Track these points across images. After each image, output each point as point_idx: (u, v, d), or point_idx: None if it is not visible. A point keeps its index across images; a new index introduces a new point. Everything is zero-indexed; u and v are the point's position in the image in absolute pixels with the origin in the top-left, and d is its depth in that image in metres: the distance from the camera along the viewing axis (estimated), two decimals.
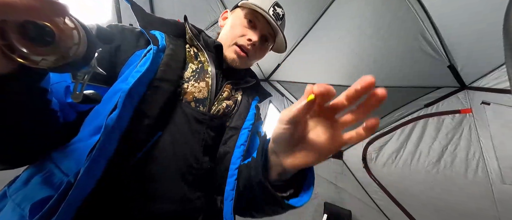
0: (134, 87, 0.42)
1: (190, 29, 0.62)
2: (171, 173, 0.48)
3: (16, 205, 0.37)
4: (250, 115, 0.63)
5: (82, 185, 0.34)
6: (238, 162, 0.52)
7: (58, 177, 0.39)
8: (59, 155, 0.41)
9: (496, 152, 1.75)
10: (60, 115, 0.41)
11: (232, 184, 0.50)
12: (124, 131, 0.40)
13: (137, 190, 0.44)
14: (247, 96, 0.69)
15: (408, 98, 2.28)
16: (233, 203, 0.48)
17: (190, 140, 0.52)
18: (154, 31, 0.56)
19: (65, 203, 0.32)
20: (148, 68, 0.45)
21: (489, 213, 1.79)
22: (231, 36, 0.64)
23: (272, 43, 0.70)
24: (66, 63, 0.29)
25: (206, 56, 0.62)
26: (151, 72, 0.46)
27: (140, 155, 0.44)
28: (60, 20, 0.27)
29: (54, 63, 0.28)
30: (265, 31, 0.65)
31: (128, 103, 0.41)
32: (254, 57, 0.67)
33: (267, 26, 0.64)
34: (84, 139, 0.42)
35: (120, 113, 0.39)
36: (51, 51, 0.27)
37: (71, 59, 0.29)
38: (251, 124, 0.61)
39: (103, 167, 0.37)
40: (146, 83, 0.45)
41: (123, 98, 0.40)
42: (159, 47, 0.50)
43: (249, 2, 0.63)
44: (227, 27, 0.67)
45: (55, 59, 0.27)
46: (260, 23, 0.64)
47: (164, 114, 0.48)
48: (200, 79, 0.57)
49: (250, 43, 0.62)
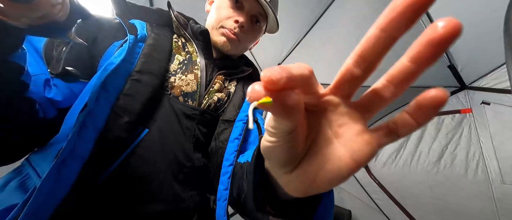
0: (108, 80, 0.38)
1: (175, 17, 0.57)
2: (160, 172, 0.45)
3: None
4: (245, 105, 0.57)
5: (47, 192, 0.31)
6: (231, 158, 0.46)
7: (33, 181, 0.36)
8: (36, 157, 0.39)
9: (496, 152, 1.75)
10: (39, 108, 0.38)
11: (225, 183, 0.45)
12: (101, 129, 0.37)
13: (124, 193, 0.41)
14: (242, 87, 0.62)
15: (408, 98, 2.26)
16: (227, 204, 0.43)
17: (180, 136, 0.49)
18: (133, 21, 0.51)
19: (27, 209, 0.29)
20: (124, 59, 0.40)
21: (489, 213, 1.79)
22: (217, 18, 0.58)
23: (265, 23, 0.63)
24: (47, 24, 0.27)
25: (194, 46, 0.57)
26: (129, 64, 0.42)
27: (126, 155, 0.41)
28: None
29: (34, 22, 0.26)
30: (255, 11, 0.59)
31: (103, 98, 0.37)
32: (246, 41, 0.61)
33: (257, 5, 0.58)
34: (60, 139, 0.38)
35: (92, 109, 0.35)
36: (31, 8, 0.25)
37: (52, 20, 0.27)
38: (246, 115, 0.54)
39: (77, 170, 0.33)
40: (124, 76, 0.41)
41: (95, 92, 0.36)
42: (137, 37, 0.46)
43: None
44: (212, 11, 0.61)
45: (36, 17, 0.26)
46: (248, 2, 0.57)
47: (148, 110, 0.45)
48: (188, 71, 0.52)
49: (237, 25, 0.57)
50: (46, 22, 0.27)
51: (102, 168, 0.38)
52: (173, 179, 0.47)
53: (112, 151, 0.40)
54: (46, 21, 0.27)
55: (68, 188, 0.33)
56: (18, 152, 0.39)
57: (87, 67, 0.44)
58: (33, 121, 0.38)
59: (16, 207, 0.30)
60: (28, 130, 0.38)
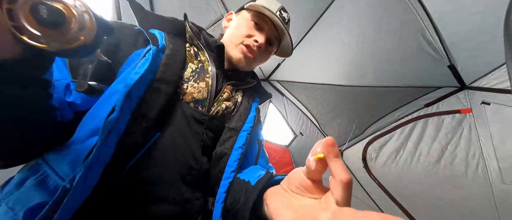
0: (133, 89, 0.40)
1: (190, 27, 0.61)
2: (170, 174, 0.47)
3: (9, 208, 0.36)
4: (250, 117, 0.62)
5: (78, 192, 0.33)
6: (235, 165, 0.52)
7: (53, 180, 0.37)
8: (54, 157, 0.40)
9: (496, 152, 1.75)
10: (58, 113, 0.40)
11: (225, 186, 0.49)
12: (121, 134, 0.39)
13: (136, 193, 0.43)
14: (248, 98, 0.68)
15: (408, 98, 2.28)
16: (223, 206, 0.47)
17: (190, 140, 0.51)
18: (153, 30, 0.54)
19: (61, 210, 0.31)
20: (147, 69, 0.43)
21: (489, 212, 1.80)
22: (237, 35, 0.64)
23: (276, 47, 0.71)
24: (75, 47, 0.28)
25: (206, 55, 0.60)
26: (151, 73, 0.45)
27: (138, 157, 0.43)
28: (72, 2, 0.26)
29: (63, 46, 0.27)
30: (271, 34, 0.66)
31: (126, 105, 0.39)
32: (259, 60, 0.68)
33: (273, 29, 0.65)
34: (79, 141, 0.40)
35: (118, 116, 0.37)
36: (61, 33, 0.26)
37: (81, 43, 0.28)
38: (250, 126, 0.60)
39: (99, 174, 0.36)
40: (145, 84, 0.44)
41: (121, 101, 0.38)
42: (158, 47, 0.49)
43: (256, 4, 0.63)
44: (232, 28, 0.67)
45: (65, 41, 0.27)
46: (267, 26, 0.64)
47: (163, 115, 0.47)
48: (200, 80, 0.56)
49: (256, 44, 0.62)
50: (74, 46, 0.28)
51: (118, 171, 0.40)
52: (181, 181, 0.49)
53: (128, 154, 0.42)
54: (74, 45, 0.28)
55: (89, 191, 0.35)
56: (34, 153, 0.41)
57: (108, 78, 0.46)
58: (51, 124, 0.40)
59: (45, 205, 0.32)
60: (46, 133, 0.40)
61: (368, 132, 2.65)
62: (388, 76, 2.12)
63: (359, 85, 2.31)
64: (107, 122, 0.36)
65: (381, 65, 2.05)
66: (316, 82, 2.57)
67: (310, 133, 3.04)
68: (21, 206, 0.35)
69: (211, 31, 1.99)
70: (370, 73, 2.16)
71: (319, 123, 2.96)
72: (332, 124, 2.87)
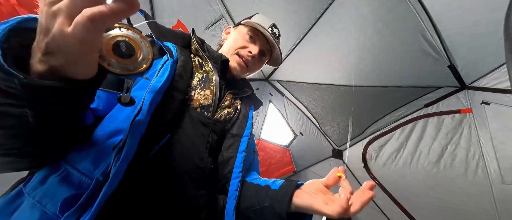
0: (155, 96, 0.46)
1: (196, 41, 0.69)
2: (178, 172, 0.53)
3: (36, 202, 0.39)
4: (248, 124, 0.72)
5: (111, 184, 0.37)
6: (241, 166, 0.61)
7: (76, 176, 0.42)
8: (75, 157, 0.43)
9: (496, 152, 1.75)
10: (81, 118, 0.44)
11: (236, 185, 0.59)
12: (142, 135, 0.43)
13: (147, 189, 0.47)
14: (245, 106, 0.77)
15: (408, 98, 2.28)
16: (236, 202, 0.56)
17: (197, 141, 0.58)
18: (166, 43, 0.60)
19: (100, 197, 0.36)
20: (166, 79, 0.50)
21: (489, 213, 1.80)
22: (233, 46, 0.75)
23: (268, 58, 0.82)
24: (138, 72, 0.35)
25: (210, 66, 0.68)
26: (167, 82, 0.51)
27: (151, 156, 0.48)
28: (139, 38, 0.34)
29: (129, 71, 0.34)
30: (263, 46, 0.77)
31: (149, 110, 0.45)
32: (253, 69, 0.79)
33: (265, 42, 0.77)
34: (101, 141, 0.45)
35: (144, 118, 0.43)
36: (131, 62, 0.34)
37: (143, 69, 0.35)
38: (249, 132, 0.70)
39: (124, 169, 0.40)
40: (162, 91, 0.49)
41: (147, 105, 0.44)
42: (174, 59, 0.55)
43: (251, 21, 0.75)
44: (230, 40, 0.79)
45: (132, 67, 0.34)
46: (260, 39, 0.76)
47: (174, 119, 0.53)
48: (206, 88, 0.63)
49: (250, 55, 0.73)
50: (138, 72, 0.35)
51: (138, 168, 0.44)
52: (188, 179, 0.54)
53: (145, 153, 0.46)
54: (138, 71, 0.35)
55: (115, 185, 0.39)
56: (62, 156, 0.44)
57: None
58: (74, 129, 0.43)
59: (80, 196, 0.37)
60: (75, 138, 0.44)
61: (368, 132, 2.65)
62: (388, 76, 2.12)
63: (359, 85, 2.30)
64: (135, 122, 0.42)
65: (381, 65, 2.05)
66: (316, 82, 2.57)
67: (310, 133, 3.04)
68: (49, 199, 0.39)
69: (211, 31, 1.99)
70: (370, 73, 2.16)
71: (319, 123, 2.96)
72: (332, 124, 2.87)
